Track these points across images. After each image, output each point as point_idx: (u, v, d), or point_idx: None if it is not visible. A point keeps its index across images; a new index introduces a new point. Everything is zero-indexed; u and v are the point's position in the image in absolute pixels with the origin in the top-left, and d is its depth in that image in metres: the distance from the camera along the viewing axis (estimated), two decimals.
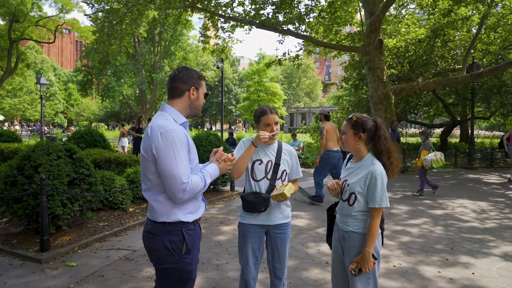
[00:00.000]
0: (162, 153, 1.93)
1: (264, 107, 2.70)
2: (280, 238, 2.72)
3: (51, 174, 4.78)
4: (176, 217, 2.04)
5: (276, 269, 2.74)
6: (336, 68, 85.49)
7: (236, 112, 57.83)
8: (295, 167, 2.81)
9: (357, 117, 2.41)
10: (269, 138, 2.58)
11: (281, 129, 52.84)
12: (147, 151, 1.98)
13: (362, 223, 2.39)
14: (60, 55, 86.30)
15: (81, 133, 9.44)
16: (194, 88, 2.14)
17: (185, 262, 2.06)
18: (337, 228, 2.58)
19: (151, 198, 2.06)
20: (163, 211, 2.03)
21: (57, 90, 59.98)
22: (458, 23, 15.30)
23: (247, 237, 2.71)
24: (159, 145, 1.93)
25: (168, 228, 2.03)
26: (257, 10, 14.57)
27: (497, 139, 26.65)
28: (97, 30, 15.96)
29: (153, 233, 2.06)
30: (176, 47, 36.89)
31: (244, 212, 2.73)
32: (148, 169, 2.02)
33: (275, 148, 2.74)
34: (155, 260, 2.09)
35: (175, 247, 2.03)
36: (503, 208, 7.61)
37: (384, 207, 2.32)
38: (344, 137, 2.45)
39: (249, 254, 2.69)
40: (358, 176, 2.40)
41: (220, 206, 7.51)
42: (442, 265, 4.39)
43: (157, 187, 2.03)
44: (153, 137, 1.95)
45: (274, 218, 2.69)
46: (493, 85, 17.63)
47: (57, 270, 4.08)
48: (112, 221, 5.91)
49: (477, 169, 14.59)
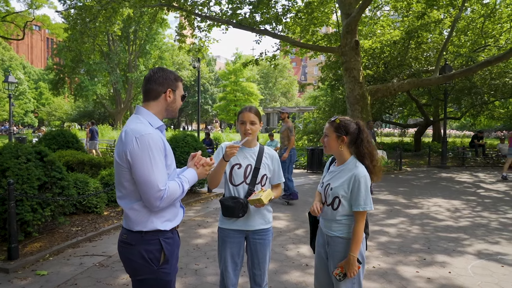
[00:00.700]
0: (137, 159, 1.82)
1: (246, 106, 2.66)
2: (260, 244, 2.64)
3: (20, 178, 4.55)
4: (153, 225, 1.93)
5: (256, 275, 2.67)
6: (312, 68, 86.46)
7: (212, 112, 57.51)
8: (277, 172, 2.72)
9: (340, 120, 2.37)
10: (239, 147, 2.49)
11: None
12: (121, 157, 1.87)
13: (347, 227, 2.35)
14: (30, 53, 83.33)
15: (53, 134, 9.10)
16: (170, 90, 2.03)
17: (163, 272, 1.96)
18: (320, 233, 2.54)
19: (126, 206, 1.94)
20: (139, 220, 1.92)
21: (27, 88, 57.83)
22: (431, 26, 15.71)
23: (226, 242, 2.63)
24: (134, 150, 1.82)
25: (145, 238, 1.92)
26: (234, 10, 14.49)
27: (467, 138, 27.59)
28: (70, 28, 15.46)
29: (129, 243, 1.95)
30: (151, 46, 36.35)
31: (223, 217, 2.65)
32: (122, 176, 1.91)
33: (256, 151, 2.66)
34: (132, 271, 1.98)
35: (152, 257, 1.93)
36: (475, 206, 7.83)
37: (369, 210, 2.30)
38: (326, 140, 2.40)
39: (228, 259, 2.62)
40: (341, 179, 2.35)
41: (197, 208, 7.39)
42: (420, 264, 4.45)
43: (132, 195, 1.92)
44: (128, 142, 1.84)
45: (254, 223, 2.61)
46: (463, 87, 18.21)
47: (27, 280, 3.87)
48: (86, 225, 5.70)
49: (450, 168, 15.03)
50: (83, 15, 14.60)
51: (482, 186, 10.49)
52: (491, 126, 33.70)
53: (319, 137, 19.07)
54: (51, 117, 58.38)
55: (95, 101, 39.50)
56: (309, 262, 4.45)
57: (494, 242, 5.38)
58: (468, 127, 39.24)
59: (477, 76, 17.54)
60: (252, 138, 2.61)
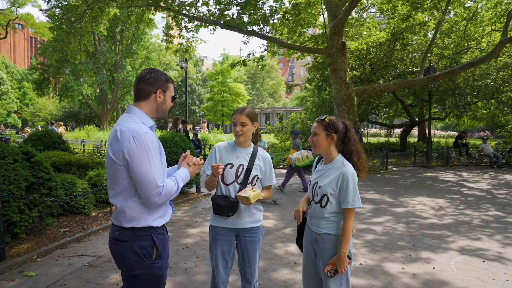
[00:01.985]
0: (135, 157, 1.88)
1: (239, 108, 2.71)
2: (250, 242, 2.70)
3: (6, 179, 4.50)
4: (146, 222, 1.99)
5: (246, 273, 2.73)
6: (299, 69, 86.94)
7: (200, 112, 57.33)
8: (269, 174, 2.78)
9: (329, 119, 2.44)
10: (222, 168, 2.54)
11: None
12: (117, 156, 1.91)
13: (335, 224, 2.41)
14: (12, 52, 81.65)
15: (39, 135, 8.97)
16: (160, 91, 2.09)
17: (156, 267, 2.02)
18: (308, 230, 2.59)
19: (120, 203, 1.99)
20: (133, 217, 1.98)
21: (10, 88, 56.69)
22: (416, 28, 15.98)
23: (217, 240, 2.69)
24: (132, 149, 1.88)
25: (138, 234, 1.98)
26: (222, 11, 14.50)
27: (451, 138, 28.14)
28: (55, 28, 15.23)
29: (121, 239, 1.99)
30: (138, 46, 36.05)
31: (214, 215, 2.71)
32: (118, 174, 1.95)
33: (249, 152, 2.71)
34: (125, 266, 2.02)
35: (145, 252, 1.98)
36: (458, 204, 8.03)
37: (357, 207, 2.36)
38: (315, 139, 2.45)
39: (219, 257, 2.68)
40: (329, 178, 2.41)
41: (186, 208, 7.40)
42: (405, 261, 4.57)
43: (127, 192, 1.97)
44: (125, 140, 1.89)
45: (244, 222, 2.67)
46: (447, 88, 18.57)
47: (14, 282, 3.85)
48: (74, 226, 5.66)
49: (434, 167, 15.32)
50: (68, 14, 14.42)
51: (465, 185, 10.75)
52: (474, 127, 34.44)
53: (306, 138, 19.20)
54: (35, 117, 57.32)
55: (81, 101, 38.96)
56: (297, 260, 4.52)
57: (476, 238, 5.54)
58: (452, 128, 39.98)
59: (460, 78, 17.91)
60: (243, 140, 2.66)
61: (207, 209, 7.33)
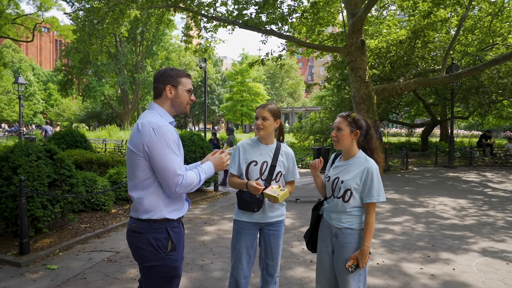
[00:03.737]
0: (155, 148, 1.95)
1: (263, 103, 2.78)
2: (273, 235, 2.75)
3: (30, 175, 4.66)
4: (162, 214, 2.05)
5: (269, 265, 2.77)
6: (319, 69, 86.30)
7: (219, 112, 57.64)
8: (291, 169, 2.81)
9: (354, 115, 2.50)
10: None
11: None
12: (138, 147, 1.99)
13: (357, 219, 2.44)
14: (39, 54, 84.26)
15: (62, 134, 9.24)
16: (170, 87, 2.14)
17: (171, 259, 2.07)
18: (325, 226, 2.59)
19: (137, 195, 2.05)
20: (149, 208, 2.03)
21: (36, 90, 58.54)
22: (437, 25, 15.63)
23: (241, 234, 2.73)
24: (152, 140, 1.95)
25: (153, 226, 2.04)
26: (240, 10, 14.56)
27: (475, 138, 27.38)
28: (78, 30, 15.64)
29: (138, 231, 2.05)
30: (158, 46, 36.56)
31: (238, 210, 2.76)
32: (137, 166, 2.02)
33: (272, 148, 2.75)
34: (140, 258, 2.08)
35: (160, 244, 2.03)
36: (481, 205, 7.81)
37: (381, 201, 2.39)
38: (340, 134, 2.47)
39: (243, 250, 2.72)
40: (352, 172, 2.44)
41: (203, 206, 7.47)
42: (424, 261, 4.48)
43: (144, 183, 2.04)
44: (145, 132, 1.97)
45: (268, 216, 2.73)
46: (471, 86, 18.08)
47: (37, 274, 3.98)
48: (94, 222, 5.81)
49: (457, 167, 14.94)
50: (91, 17, 14.78)
51: (489, 186, 10.44)
52: (500, 126, 33.38)
53: (325, 137, 19.06)
54: (59, 117, 58.97)
55: (103, 102, 39.81)
56: (313, 258, 4.50)
57: (499, 240, 5.38)
58: (476, 127, 38.90)
59: (484, 75, 17.41)
60: (264, 134, 2.70)
61: (224, 207, 7.37)
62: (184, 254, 2.20)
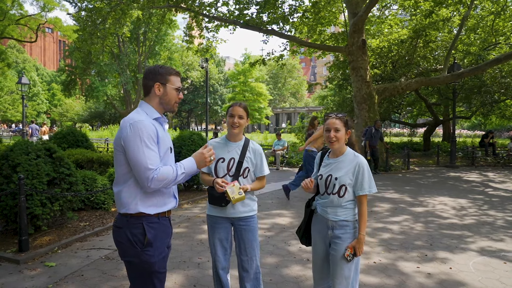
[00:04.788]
0: (129, 142, 1.99)
1: (236, 101, 2.86)
2: (245, 230, 2.80)
3: (30, 173, 4.70)
4: (137, 208, 2.05)
5: (243, 261, 2.82)
6: (321, 68, 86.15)
7: (221, 112, 57.71)
8: (259, 166, 2.87)
9: (347, 116, 2.70)
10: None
11: (266, 129, 52.48)
12: (117, 142, 2.05)
13: (351, 211, 2.61)
14: (42, 55, 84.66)
15: (63, 133, 9.30)
16: (159, 84, 2.17)
17: (146, 254, 2.06)
18: (319, 220, 2.71)
19: (116, 189, 2.11)
20: (125, 202, 2.07)
21: (40, 90, 58.83)
22: (439, 24, 15.59)
23: (214, 228, 2.83)
24: (127, 135, 2.00)
25: (130, 221, 2.06)
26: (241, 10, 14.59)
27: (478, 138, 27.25)
28: (80, 29, 15.73)
29: (118, 226, 2.11)
30: (160, 47, 36.63)
31: (209, 205, 2.84)
32: (117, 161, 2.08)
33: (240, 145, 2.83)
34: (120, 252, 2.13)
35: (136, 239, 2.05)
36: (481, 205, 7.79)
37: (374, 192, 2.58)
38: (338, 134, 2.59)
39: (217, 243, 2.82)
40: (344, 169, 2.60)
41: (203, 205, 7.48)
42: (421, 260, 4.48)
43: (122, 178, 2.08)
44: (123, 128, 2.03)
45: (237, 211, 2.79)
46: (473, 85, 18.01)
47: (36, 271, 4.02)
48: (93, 221, 5.84)
49: (459, 167, 14.90)
50: (93, 17, 14.85)
51: (490, 185, 10.41)
52: (503, 126, 33.23)
53: None
54: (63, 117, 59.27)
55: (106, 101, 39.93)
56: (310, 257, 4.49)
57: (498, 239, 5.37)
58: (479, 127, 38.74)
59: (487, 75, 17.34)
60: (238, 132, 2.79)
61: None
62: (181, 252, 2.23)
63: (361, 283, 3.80)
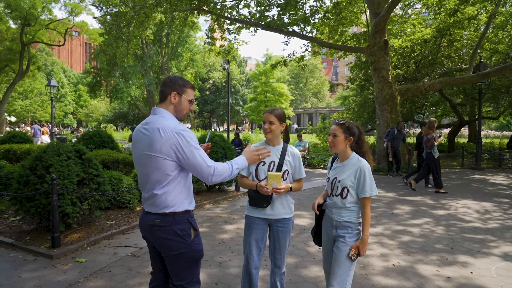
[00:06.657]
0: (185, 150, 2.20)
1: (270, 108, 3.01)
2: (282, 232, 2.96)
3: (61, 174, 4.96)
4: (184, 206, 2.30)
5: (277, 259, 3.00)
6: (343, 69, 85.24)
7: (243, 112, 58.00)
8: (298, 168, 3.01)
9: (348, 123, 2.79)
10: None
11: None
12: (163, 152, 2.20)
13: (355, 213, 2.75)
14: (69, 57, 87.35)
15: (90, 134, 9.65)
16: (175, 93, 2.34)
17: (195, 243, 2.34)
18: (327, 219, 2.89)
19: (160, 191, 2.25)
20: (173, 202, 2.27)
21: (67, 91, 60.75)
22: (464, 23, 15.24)
23: (252, 228, 2.97)
24: (181, 144, 2.19)
25: (177, 219, 2.28)
26: (263, 12, 14.71)
27: (506, 139, 26.40)
28: (105, 33, 16.23)
29: (163, 225, 2.28)
30: (183, 48, 37.19)
31: (250, 206, 2.99)
32: (163, 167, 2.22)
33: (279, 149, 2.97)
34: (168, 248, 2.30)
35: (185, 233, 2.29)
36: (507, 208, 7.62)
37: (374, 196, 2.68)
38: (335, 140, 2.77)
39: (253, 244, 2.95)
40: (347, 172, 2.75)
41: (225, 206, 7.64)
42: (441, 264, 4.47)
43: (172, 182, 2.26)
44: (171, 138, 2.19)
45: (277, 213, 2.93)
46: (501, 85, 17.50)
47: (68, 266, 4.26)
48: (119, 219, 6.09)
49: (484, 169, 14.52)
50: (118, 20, 15.30)
51: None
52: None
53: None
54: (88, 118, 60.98)
55: (130, 102, 40.88)
56: None
57: None
58: (507, 127, 37.50)
59: None
60: (271, 136, 2.93)
61: (245, 207, 7.52)
62: (203, 251, 2.44)
63: (379, 284, 3.85)
